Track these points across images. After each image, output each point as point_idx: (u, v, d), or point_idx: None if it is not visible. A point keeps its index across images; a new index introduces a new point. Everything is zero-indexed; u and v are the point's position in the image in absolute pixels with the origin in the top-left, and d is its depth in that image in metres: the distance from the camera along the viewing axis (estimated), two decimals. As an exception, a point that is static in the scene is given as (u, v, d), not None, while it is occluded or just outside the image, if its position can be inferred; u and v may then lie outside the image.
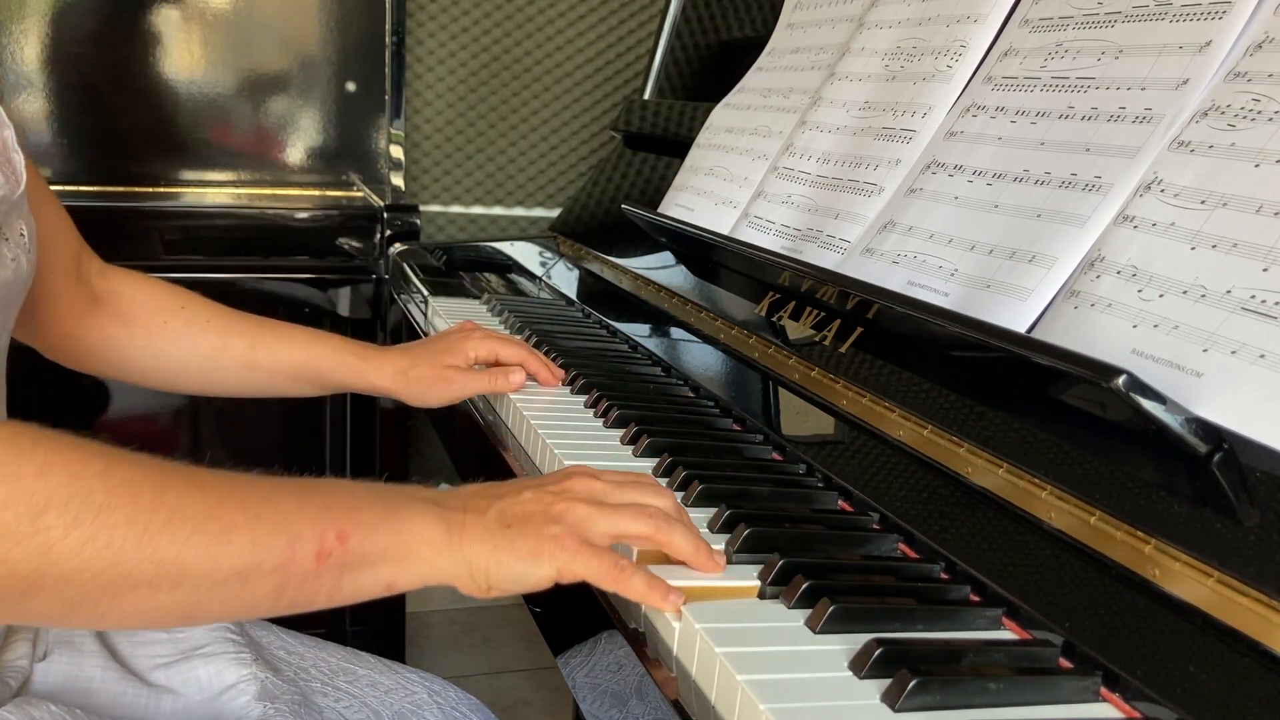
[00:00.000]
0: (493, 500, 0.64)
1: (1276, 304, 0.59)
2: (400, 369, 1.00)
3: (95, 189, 1.78)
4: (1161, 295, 0.65)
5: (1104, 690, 0.53)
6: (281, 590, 0.58)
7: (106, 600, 0.54)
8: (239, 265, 1.70)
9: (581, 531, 0.62)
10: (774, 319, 0.98)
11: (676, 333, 1.13)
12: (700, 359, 1.05)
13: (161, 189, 1.83)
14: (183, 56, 1.80)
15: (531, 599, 0.85)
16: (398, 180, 1.96)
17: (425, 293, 1.40)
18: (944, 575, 0.65)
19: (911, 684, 0.50)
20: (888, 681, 0.51)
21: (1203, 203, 0.66)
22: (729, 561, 0.65)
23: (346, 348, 1.01)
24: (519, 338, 1.09)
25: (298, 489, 0.61)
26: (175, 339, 0.98)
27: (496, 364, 1.02)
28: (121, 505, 0.53)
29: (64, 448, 0.54)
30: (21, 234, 0.80)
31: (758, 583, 0.63)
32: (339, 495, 0.61)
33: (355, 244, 1.74)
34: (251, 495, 0.58)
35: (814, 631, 0.57)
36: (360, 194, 1.89)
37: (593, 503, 0.64)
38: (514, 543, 0.61)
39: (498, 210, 2.18)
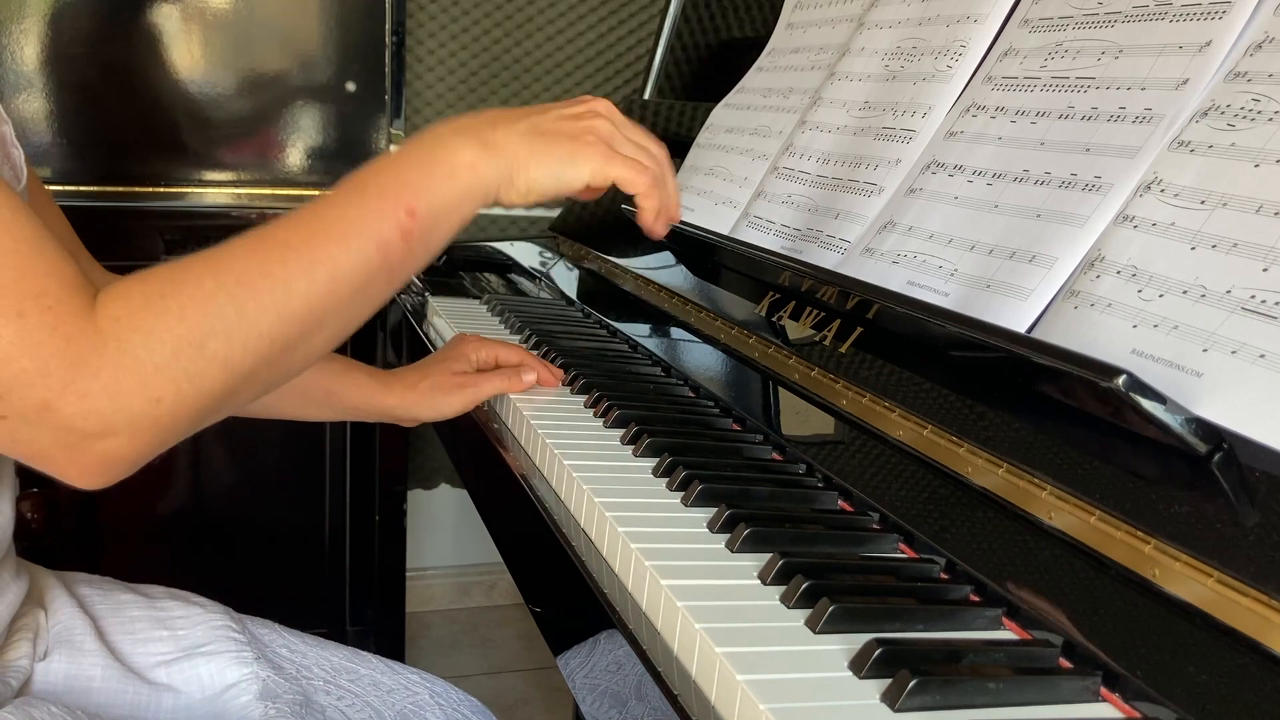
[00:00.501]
0: (521, 117, 0.71)
1: (1276, 304, 0.59)
2: (411, 383, 1.01)
3: (95, 189, 1.78)
4: (1161, 295, 0.65)
5: (1104, 690, 0.53)
6: (392, 275, 0.66)
7: (283, 361, 0.64)
8: (239, 265, 1.70)
9: (608, 141, 0.70)
10: (774, 319, 0.98)
11: (676, 333, 1.13)
12: (700, 359, 1.05)
13: (161, 189, 1.83)
14: (183, 56, 1.80)
15: (531, 599, 0.85)
16: (398, 180, 1.96)
17: (425, 292, 1.40)
18: (944, 575, 0.65)
19: (911, 684, 0.50)
20: (887, 681, 0.51)
21: (1203, 203, 0.66)
22: (733, 551, 0.66)
23: (357, 366, 1.02)
24: (516, 339, 1.09)
25: (353, 192, 0.67)
26: None
27: (497, 367, 1.02)
28: (250, 302, 0.61)
29: (179, 282, 0.60)
30: None
31: (758, 582, 0.63)
32: (385, 177, 0.67)
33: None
34: (325, 223, 0.65)
35: (814, 631, 0.57)
36: (360, 194, 1.88)
37: (615, 131, 0.72)
38: (551, 147, 0.69)
39: (498, 210, 2.18)
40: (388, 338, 1.76)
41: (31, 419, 0.56)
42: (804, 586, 0.60)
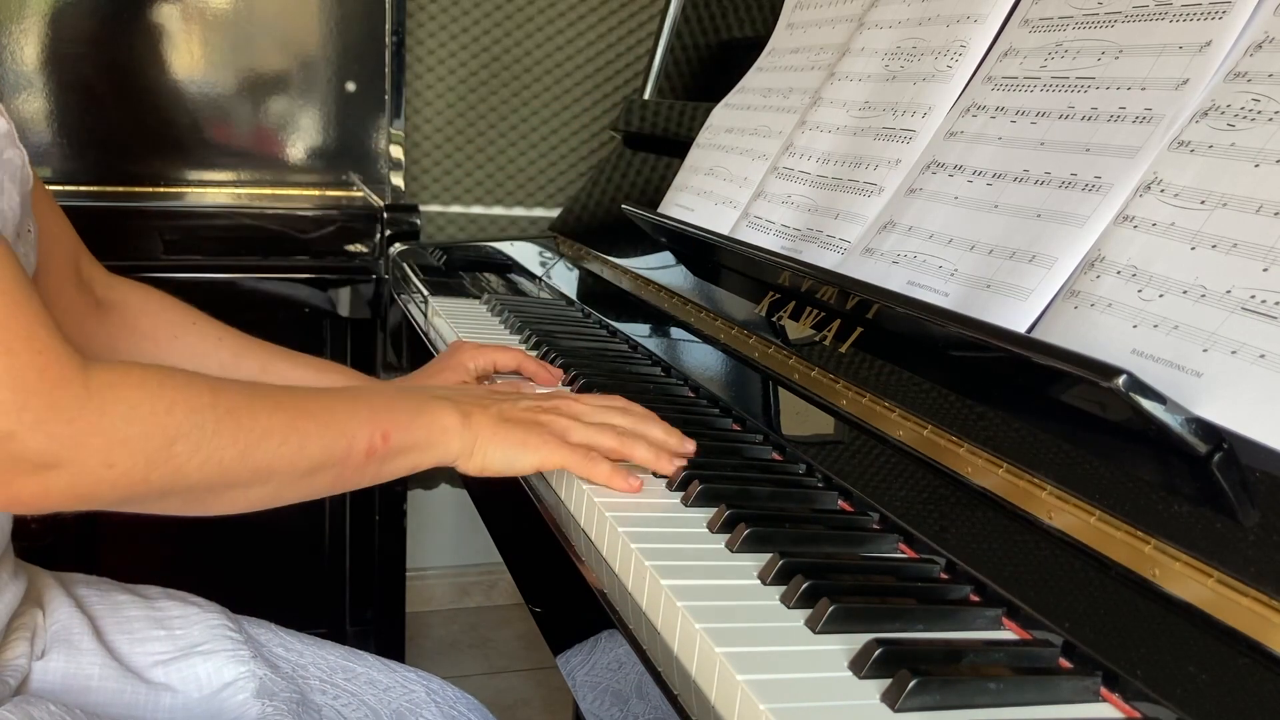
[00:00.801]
0: (495, 401, 0.79)
1: (1276, 304, 0.59)
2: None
3: (95, 189, 1.78)
4: (1161, 295, 0.65)
5: (1104, 690, 0.53)
6: (339, 479, 0.73)
7: (212, 497, 0.69)
8: (239, 265, 1.70)
9: (563, 436, 0.77)
10: (774, 319, 0.98)
11: (676, 333, 1.13)
12: (700, 359, 1.05)
13: (161, 189, 1.83)
14: (183, 56, 1.80)
15: (531, 599, 0.85)
16: (398, 180, 1.96)
17: (425, 293, 1.40)
18: (944, 575, 0.65)
19: (911, 684, 0.50)
20: (888, 681, 0.51)
21: (1203, 203, 0.66)
22: (733, 551, 0.67)
23: (356, 377, 1.03)
24: (516, 340, 1.09)
25: (348, 399, 0.76)
26: (186, 353, 0.98)
27: (496, 372, 1.02)
28: (228, 430, 0.66)
29: (181, 385, 0.66)
30: (29, 230, 0.81)
31: (758, 582, 0.63)
32: (379, 400, 0.76)
33: (355, 244, 1.74)
34: (316, 407, 0.72)
35: (814, 631, 0.57)
36: (360, 194, 1.89)
37: (574, 418, 0.79)
38: (510, 433, 0.76)
39: (498, 210, 2.18)
40: (388, 338, 1.76)
41: None
42: (804, 586, 0.60)
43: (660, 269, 1.25)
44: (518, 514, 0.86)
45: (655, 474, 0.79)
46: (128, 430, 0.62)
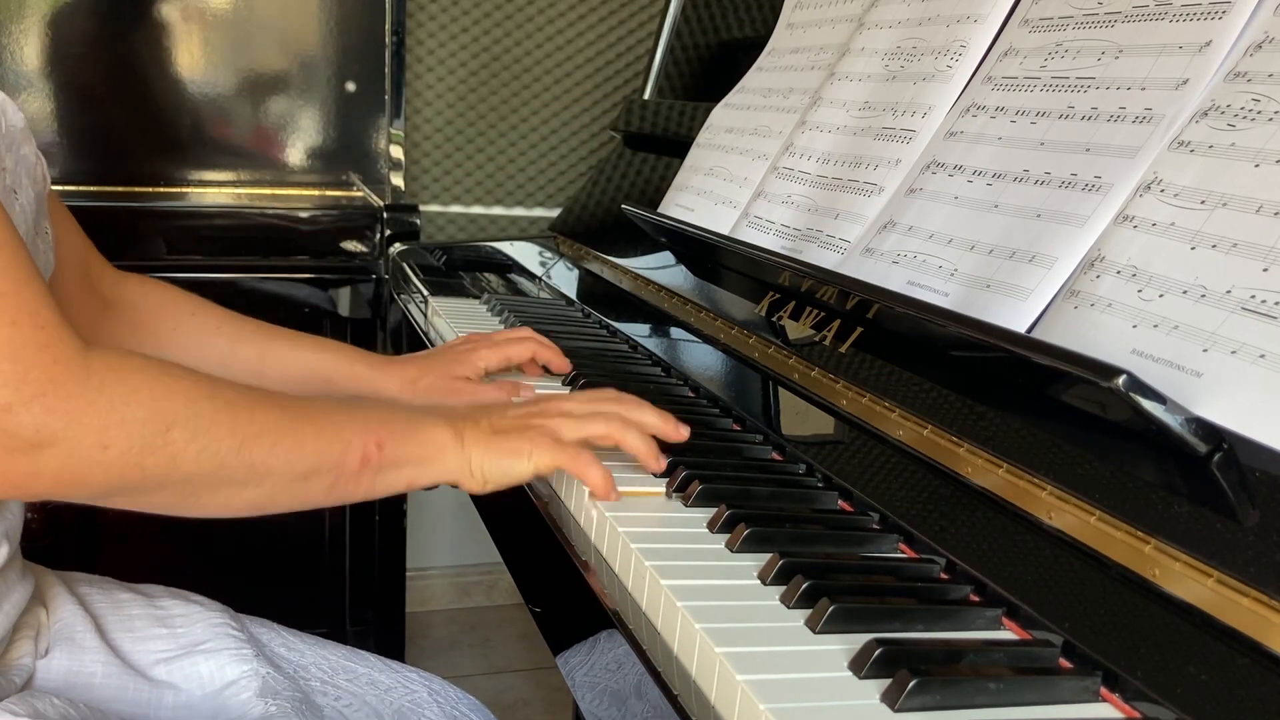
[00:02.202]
0: (484, 415, 0.79)
1: (1276, 304, 0.59)
2: (410, 378, 1.00)
3: (95, 189, 1.79)
4: (1161, 295, 0.65)
5: (1104, 690, 0.53)
6: (333, 486, 0.72)
7: (207, 495, 0.68)
8: (239, 265, 1.70)
9: (554, 435, 0.76)
10: (774, 319, 0.98)
11: (676, 333, 1.13)
12: (700, 359, 1.05)
13: (162, 189, 1.83)
14: (183, 56, 1.80)
15: (531, 599, 0.85)
16: (398, 180, 1.96)
17: (425, 293, 1.40)
18: (944, 575, 0.65)
19: (911, 684, 0.50)
20: (887, 681, 0.51)
21: (1203, 203, 0.66)
22: (733, 551, 0.67)
23: (356, 356, 1.02)
24: (526, 328, 1.08)
25: (345, 408, 0.75)
26: (184, 345, 0.98)
27: (508, 369, 1.03)
28: (225, 421, 0.66)
29: (180, 374, 0.66)
30: (46, 231, 0.81)
31: (758, 582, 0.63)
32: (376, 413, 0.77)
33: (355, 244, 1.74)
34: (315, 412, 0.72)
35: (814, 631, 0.57)
36: (360, 194, 1.89)
37: (563, 416, 0.78)
38: (502, 444, 0.76)
39: (498, 210, 2.18)
40: (388, 337, 1.76)
41: None
42: (804, 586, 0.60)
43: (660, 269, 1.25)
44: (518, 514, 0.86)
45: (654, 474, 0.78)
46: (125, 411, 0.62)
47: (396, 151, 1.95)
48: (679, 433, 0.80)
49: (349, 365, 1.01)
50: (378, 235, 1.73)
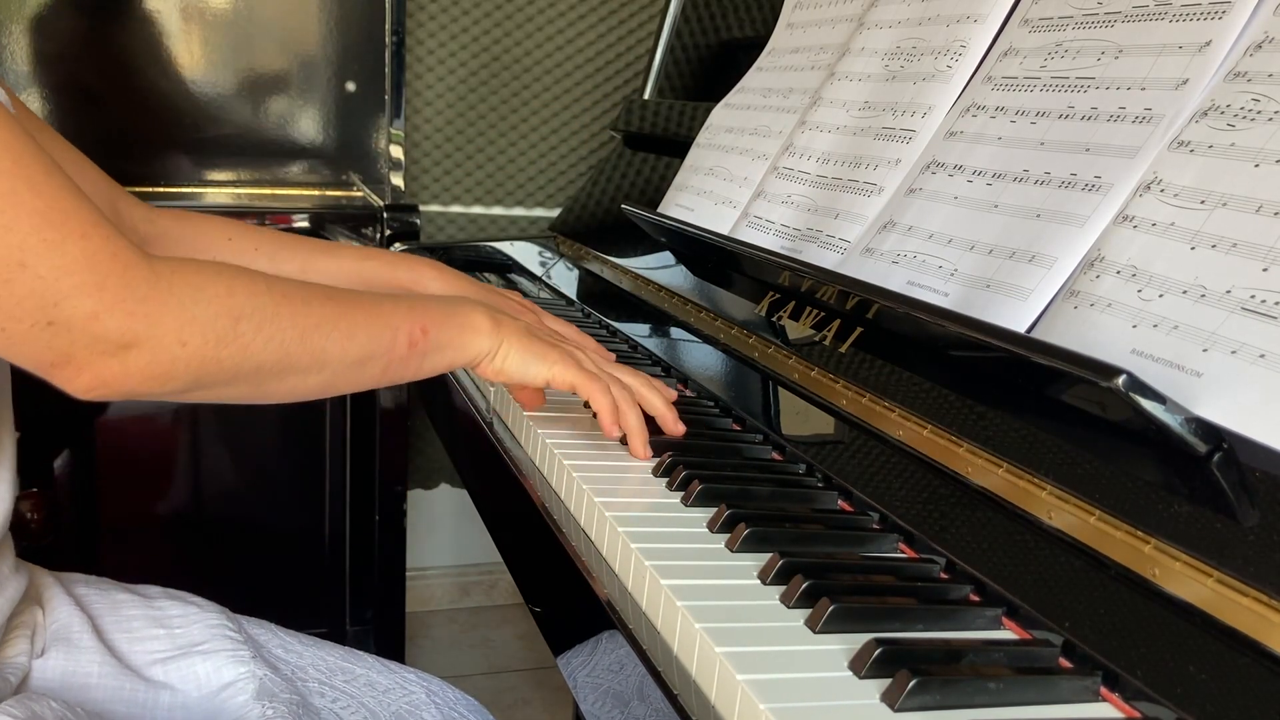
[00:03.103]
0: (523, 315, 0.87)
1: (1276, 304, 0.59)
2: (448, 286, 1.04)
3: (95, 189, 1.78)
4: (1161, 295, 0.65)
5: (1104, 690, 0.53)
6: (386, 370, 0.77)
7: (274, 382, 0.72)
8: (239, 265, 1.70)
9: (579, 362, 0.83)
10: (774, 319, 0.98)
11: (676, 333, 1.13)
12: (700, 359, 1.05)
13: (162, 189, 1.83)
14: (183, 56, 1.80)
15: (531, 599, 0.85)
16: (398, 180, 1.96)
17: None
18: (944, 575, 0.65)
19: (911, 684, 0.50)
20: (887, 681, 0.51)
21: (1202, 203, 0.66)
22: (733, 550, 0.67)
23: (398, 262, 1.05)
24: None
25: (391, 298, 0.80)
26: None
27: None
28: (286, 313, 0.71)
29: (240, 273, 0.70)
30: None
31: (758, 582, 0.63)
32: (416, 301, 0.81)
33: (355, 244, 1.74)
34: (365, 302, 0.77)
35: (814, 631, 0.57)
36: (360, 194, 1.89)
37: (585, 354, 0.85)
38: (532, 345, 0.82)
39: (498, 210, 2.18)
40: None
41: (76, 326, 0.63)
42: (804, 586, 0.60)
43: (660, 269, 1.25)
44: (518, 514, 0.86)
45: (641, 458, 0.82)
46: (195, 310, 0.66)
47: (396, 151, 1.95)
48: (677, 428, 0.86)
49: (390, 271, 1.04)
50: (378, 235, 1.73)
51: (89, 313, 0.63)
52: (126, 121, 1.79)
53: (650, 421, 0.85)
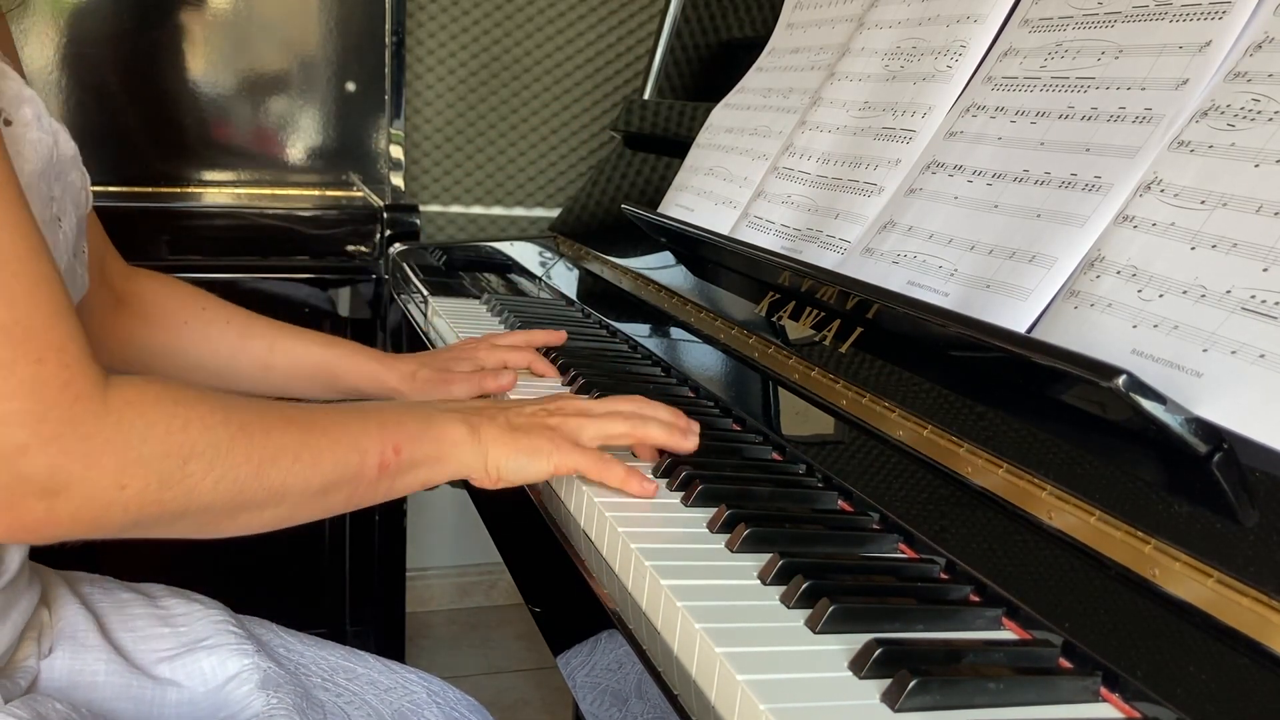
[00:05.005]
0: (501, 411, 0.79)
1: (1276, 304, 0.59)
2: (409, 372, 1.03)
3: (95, 189, 1.78)
4: (1161, 295, 0.65)
5: (1104, 690, 0.53)
6: (352, 495, 0.72)
7: (226, 520, 0.67)
8: (239, 265, 1.70)
9: (573, 437, 0.76)
10: (774, 319, 0.98)
11: (676, 333, 1.13)
12: (700, 359, 1.05)
13: (162, 189, 1.83)
14: (183, 57, 1.80)
15: (531, 599, 0.85)
16: (398, 180, 1.96)
17: (425, 293, 1.40)
18: (944, 575, 0.65)
19: (911, 684, 0.50)
20: (888, 681, 0.51)
21: (1203, 203, 0.66)
22: (733, 551, 0.67)
23: (362, 352, 1.04)
24: (523, 336, 1.10)
25: (358, 414, 0.74)
26: (195, 340, 1.00)
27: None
28: (241, 447, 0.66)
29: (194, 402, 0.65)
30: (83, 251, 0.82)
31: (758, 582, 0.63)
32: (387, 415, 0.75)
33: (355, 244, 1.74)
34: (328, 423, 0.71)
35: (814, 631, 0.57)
36: (360, 194, 1.89)
37: (581, 416, 0.78)
38: (520, 442, 0.76)
39: (498, 210, 2.18)
40: (388, 338, 1.76)
41: (2, 459, 0.57)
42: (804, 586, 0.60)
43: (660, 269, 1.25)
44: (518, 514, 0.86)
45: (667, 455, 0.80)
46: (141, 449, 0.61)
47: (396, 151, 1.95)
48: (690, 429, 0.80)
49: (353, 360, 1.03)
50: (378, 235, 1.73)
51: (18, 445, 0.57)
52: (127, 121, 1.79)
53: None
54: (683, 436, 0.78)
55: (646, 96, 1.68)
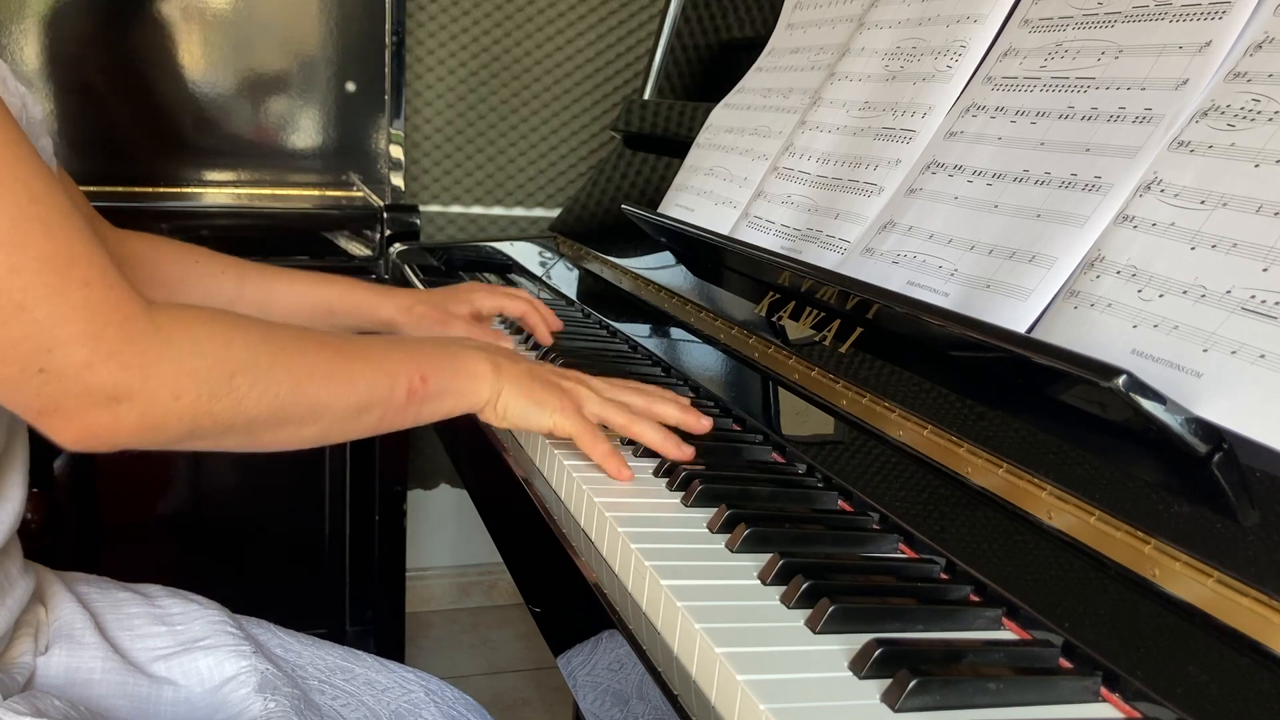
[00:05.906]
0: (523, 358, 0.85)
1: (1276, 304, 0.59)
2: (405, 305, 1.06)
3: (95, 189, 1.78)
4: (1161, 295, 0.65)
5: (1104, 690, 0.53)
6: (383, 418, 0.76)
7: (270, 433, 0.71)
8: (239, 265, 1.70)
9: (578, 404, 0.81)
10: (774, 319, 0.98)
11: (676, 333, 1.13)
12: (700, 359, 1.05)
13: (162, 189, 1.83)
14: (183, 57, 1.80)
15: (531, 599, 0.85)
16: (398, 180, 1.96)
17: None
18: (944, 575, 0.65)
19: (911, 684, 0.50)
20: (888, 681, 0.51)
21: (1203, 203, 0.66)
22: (733, 551, 0.67)
23: (359, 286, 1.07)
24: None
25: (387, 343, 0.80)
26: (193, 292, 1.01)
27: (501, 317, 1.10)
28: (281, 364, 0.70)
29: (236, 322, 0.70)
30: None
31: (758, 582, 0.63)
32: (416, 346, 0.81)
33: (355, 244, 1.74)
34: (362, 348, 0.76)
35: (814, 631, 0.57)
36: (360, 194, 1.89)
37: (591, 391, 0.83)
38: (534, 391, 0.81)
39: (498, 210, 2.18)
40: (387, 338, 1.76)
41: (69, 375, 0.62)
42: (804, 587, 0.60)
43: (660, 269, 1.25)
44: (518, 514, 0.86)
45: (680, 462, 0.81)
46: (193, 362, 0.66)
47: (396, 151, 1.95)
48: (700, 424, 0.83)
49: (350, 293, 1.06)
50: (378, 235, 1.73)
51: (83, 362, 0.62)
52: (126, 122, 1.79)
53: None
54: (676, 448, 0.80)
55: (646, 96, 1.68)
